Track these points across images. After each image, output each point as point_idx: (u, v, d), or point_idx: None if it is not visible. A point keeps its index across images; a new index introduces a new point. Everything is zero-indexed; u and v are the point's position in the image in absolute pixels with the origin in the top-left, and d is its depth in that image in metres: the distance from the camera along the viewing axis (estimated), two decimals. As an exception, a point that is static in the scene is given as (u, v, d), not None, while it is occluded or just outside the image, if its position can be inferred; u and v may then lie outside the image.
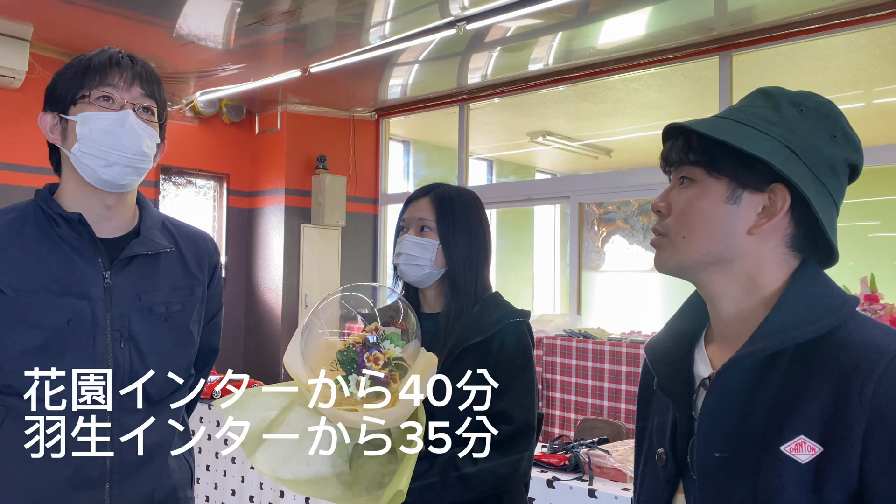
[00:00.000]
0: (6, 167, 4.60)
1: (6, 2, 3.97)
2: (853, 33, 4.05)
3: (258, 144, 6.13)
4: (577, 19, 4.19)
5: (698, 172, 0.92)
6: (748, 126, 0.89)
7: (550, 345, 4.39)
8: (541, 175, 7.93)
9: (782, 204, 0.88)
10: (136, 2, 3.96)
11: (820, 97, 0.93)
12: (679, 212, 0.93)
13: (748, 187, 0.89)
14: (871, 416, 0.77)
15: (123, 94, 1.31)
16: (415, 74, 5.37)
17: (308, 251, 5.95)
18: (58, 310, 1.27)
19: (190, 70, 5.10)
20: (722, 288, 0.92)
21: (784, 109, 0.90)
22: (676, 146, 0.94)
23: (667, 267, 0.95)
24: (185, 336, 1.40)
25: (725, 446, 0.87)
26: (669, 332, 1.02)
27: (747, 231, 0.89)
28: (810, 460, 0.80)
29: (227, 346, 5.89)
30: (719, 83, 4.46)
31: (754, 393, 0.86)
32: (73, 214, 1.31)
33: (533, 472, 2.40)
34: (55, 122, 1.33)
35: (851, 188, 0.96)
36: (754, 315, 0.90)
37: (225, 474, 3.61)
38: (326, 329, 1.39)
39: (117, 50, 1.35)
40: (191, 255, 1.45)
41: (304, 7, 3.94)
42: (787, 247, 0.91)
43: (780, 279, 0.90)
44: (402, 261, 1.56)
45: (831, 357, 0.82)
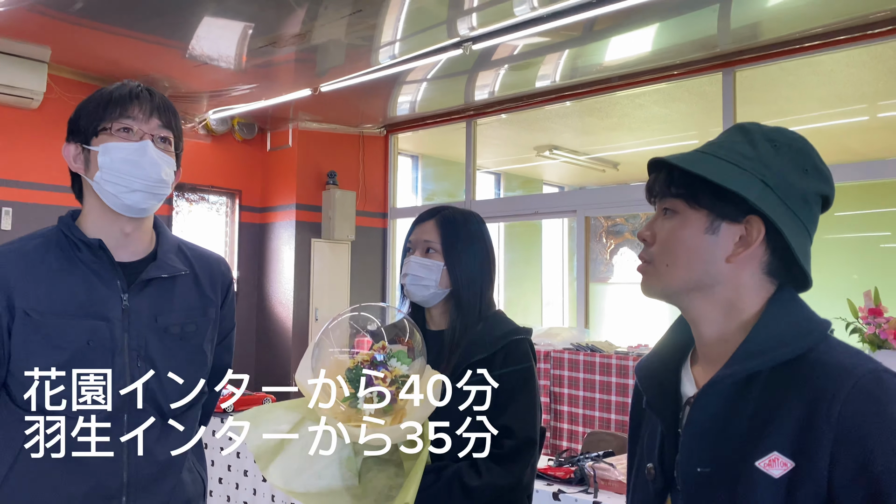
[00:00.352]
0: (25, 185, 4.71)
1: (25, 26, 4.09)
2: (855, 49, 4.10)
3: (270, 161, 6.23)
4: (582, 37, 4.26)
5: (680, 204, 0.98)
6: (726, 161, 0.95)
7: (558, 358, 4.43)
8: (548, 188, 7.99)
9: (757, 234, 0.94)
10: (151, 24, 4.06)
11: (793, 133, 1.00)
12: (662, 241, 0.99)
13: (726, 219, 0.95)
14: (838, 433, 0.84)
15: (142, 125, 1.38)
16: (423, 92, 5.46)
17: (318, 265, 6.03)
18: (79, 331, 1.34)
19: (203, 90, 5.20)
20: (704, 312, 0.99)
21: (759, 145, 0.96)
22: (660, 179, 1.01)
23: (652, 292, 1.02)
24: (199, 355, 1.47)
25: (707, 462, 0.93)
26: (657, 353, 1.09)
27: (726, 259, 0.96)
28: (783, 475, 0.86)
29: (239, 360, 5.95)
30: (723, 99, 4.52)
31: (733, 411, 0.93)
32: (93, 240, 1.38)
33: (539, 484, 2.45)
34: (78, 153, 1.40)
35: (859, 201, 1.01)
36: (734, 338, 0.96)
37: (237, 487, 3.67)
38: (336, 348, 1.45)
39: (137, 84, 1.43)
40: (205, 277, 1.52)
41: (314, 30, 4.03)
42: (763, 273, 0.97)
43: (757, 304, 0.96)
44: (408, 281, 1.63)
45: (803, 378, 0.89)
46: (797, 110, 5.35)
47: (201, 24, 4.02)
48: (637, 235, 1.03)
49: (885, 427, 0.83)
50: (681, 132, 6.00)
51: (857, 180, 4.33)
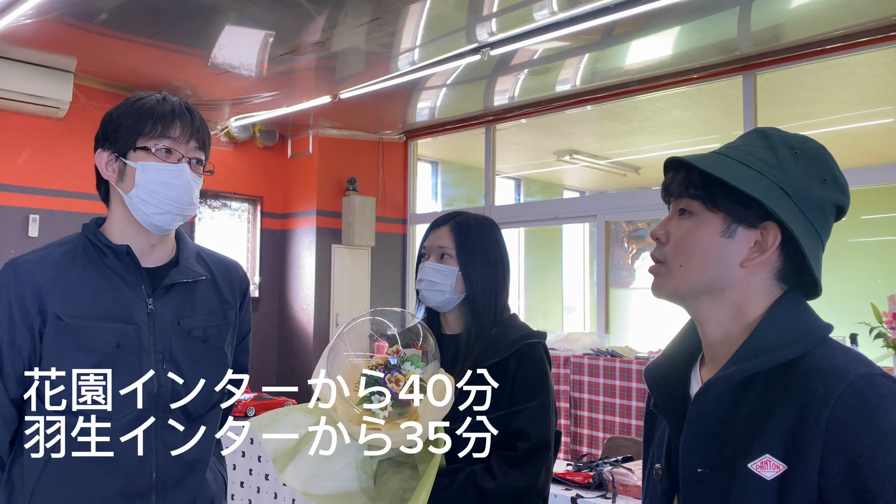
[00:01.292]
0: (52, 193, 4.80)
1: (52, 36, 4.17)
2: (877, 51, 4.05)
3: (290, 168, 6.28)
4: (602, 41, 4.26)
5: (697, 206, 0.98)
6: (746, 165, 0.95)
7: (578, 363, 4.42)
8: (569, 193, 7.97)
9: (773, 240, 0.95)
10: (174, 34, 4.13)
11: (813, 142, 1.00)
12: (677, 241, 0.99)
13: (743, 223, 0.95)
14: (827, 438, 0.84)
15: (181, 147, 1.42)
16: (442, 97, 5.48)
17: (339, 271, 6.07)
18: (108, 334, 1.37)
19: (224, 97, 5.27)
20: (711, 314, 0.99)
21: (779, 151, 0.96)
22: (677, 179, 1.00)
23: (663, 293, 1.02)
24: (220, 357, 1.51)
25: (706, 463, 0.93)
26: (667, 356, 1.09)
27: (740, 264, 0.96)
28: (775, 477, 0.87)
29: (261, 364, 6.02)
30: (743, 102, 4.49)
31: (730, 413, 0.93)
32: (121, 247, 1.42)
33: (557, 489, 2.45)
34: (111, 160, 1.43)
35: (884, 204, 1.00)
36: (737, 340, 0.96)
37: (259, 490, 3.70)
38: (351, 351, 1.47)
39: (178, 101, 1.45)
40: (224, 282, 1.55)
41: (333, 38, 4.07)
42: (774, 279, 0.97)
43: (763, 307, 0.97)
44: (423, 287, 1.65)
45: (796, 382, 0.89)
46: (819, 113, 5.29)
47: (223, 33, 4.08)
48: (650, 234, 1.03)
49: (874, 432, 0.82)
50: (702, 136, 5.97)
51: (882, 183, 4.28)
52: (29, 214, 4.76)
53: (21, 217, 4.74)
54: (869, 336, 3.54)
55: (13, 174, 4.75)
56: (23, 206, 4.76)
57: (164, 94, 1.46)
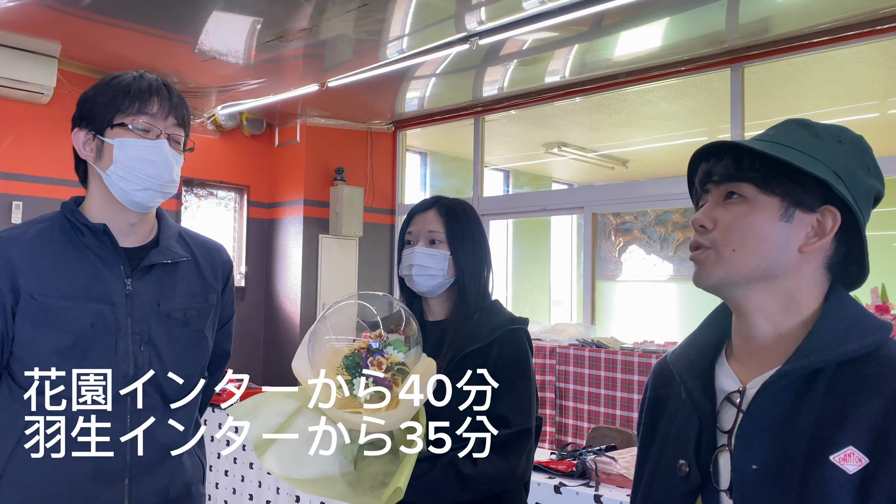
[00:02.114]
0: (35, 180, 4.75)
1: (36, 21, 4.12)
2: (864, 45, 4.07)
3: (278, 157, 6.25)
4: (590, 32, 4.25)
5: (750, 189, 0.94)
6: (796, 150, 0.92)
7: (563, 354, 4.43)
8: (557, 185, 7.98)
9: (833, 225, 0.92)
10: (160, 19, 4.09)
11: (854, 132, 0.98)
12: (728, 226, 0.95)
13: (801, 206, 0.93)
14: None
15: (160, 123, 1.40)
16: (431, 87, 5.46)
17: (326, 261, 6.05)
18: (83, 314, 1.36)
19: (211, 85, 5.23)
20: (761, 304, 0.95)
21: (825, 139, 0.94)
22: (723, 163, 0.96)
23: (712, 279, 0.97)
24: (201, 340, 1.49)
25: (765, 459, 0.90)
26: (693, 345, 1.05)
27: (798, 249, 0.93)
28: (857, 471, 0.84)
29: (247, 354, 6.00)
30: (731, 95, 4.50)
31: (796, 407, 0.90)
32: (98, 225, 1.40)
33: (541, 478, 2.46)
34: (88, 139, 1.41)
35: None
36: (792, 333, 0.94)
37: (243, 479, 3.69)
38: (332, 335, 1.46)
39: (155, 77, 1.43)
40: (206, 264, 1.54)
41: (321, 24, 4.04)
42: (824, 267, 0.95)
43: (816, 299, 0.95)
44: (415, 272, 1.62)
45: (879, 374, 0.87)
46: (806, 107, 5.32)
47: (210, 19, 4.04)
48: (692, 221, 0.98)
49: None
50: (690, 129, 5.98)
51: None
52: (12, 201, 4.71)
53: (4, 203, 4.70)
54: (852, 328, 3.57)
55: (-4, 160, 4.70)
56: (6, 192, 4.71)
57: (140, 71, 1.44)
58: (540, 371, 4.52)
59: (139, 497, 1.39)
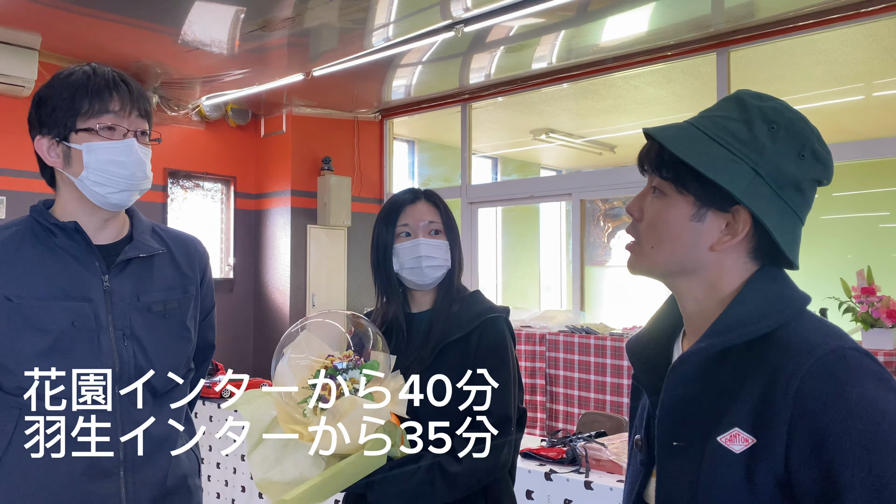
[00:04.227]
0: (16, 174, 4.70)
1: (15, 12, 4.06)
2: (849, 28, 4.08)
3: (264, 147, 6.21)
4: (577, 18, 4.24)
5: (668, 187, 0.95)
6: (718, 143, 0.91)
7: (553, 340, 4.45)
8: (546, 172, 7.98)
9: (744, 226, 0.92)
10: (142, 10, 4.04)
11: (793, 114, 0.94)
12: (649, 221, 0.97)
13: (712, 207, 0.92)
14: (794, 411, 0.83)
15: (124, 121, 1.37)
16: (418, 75, 5.44)
17: (315, 251, 6.03)
18: (62, 313, 1.35)
19: (195, 75, 5.18)
20: (687, 290, 0.98)
21: (755, 126, 0.92)
22: (651, 154, 0.97)
23: (637, 271, 1.01)
24: (183, 332, 1.49)
25: (681, 436, 0.93)
26: (648, 329, 1.08)
27: (710, 248, 0.94)
28: (744, 450, 0.86)
29: (237, 346, 5.98)
30: (717, 79, 4.50)
31: (704, 387, 0.92)
32: (68, 224, 1.39)
33: (531, 464, 2.47)
34: (52, 145, 1.38)
35: (858, 180, 0.95)
36: (714, 314, 0.95)
37: (235, 472, 3.69)
38: (294, 354, 1.48)
39: (109, 70, 1.39)
40: (182, 257, 1.53)
41: (305, 13, 4.01)
42: (748, 257, 0.95)
43: (737, 282, 0.95)
44: (425, 263, 1.58)
45: (768, 356, 0.88)
46: (793, 90, 5.33)
47: (193, 9, 4.00)
48: (626, 209, 1.01)
49: (842, 407, 0.81)
50: (677, 113, 5.98)
51: (854, 159, 4.33)
52: (-5, 195, 4.67)
53: (-13, 198, 4.65)
54: (838, 311, 3.59)
55: (-22, 154, 4.65)
56: (-12, 187, 4.66)
57: (92, 65, 1.40)
58: (530, 358, 4.53)
59: (136, 490, 1.39)
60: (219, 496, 3.77)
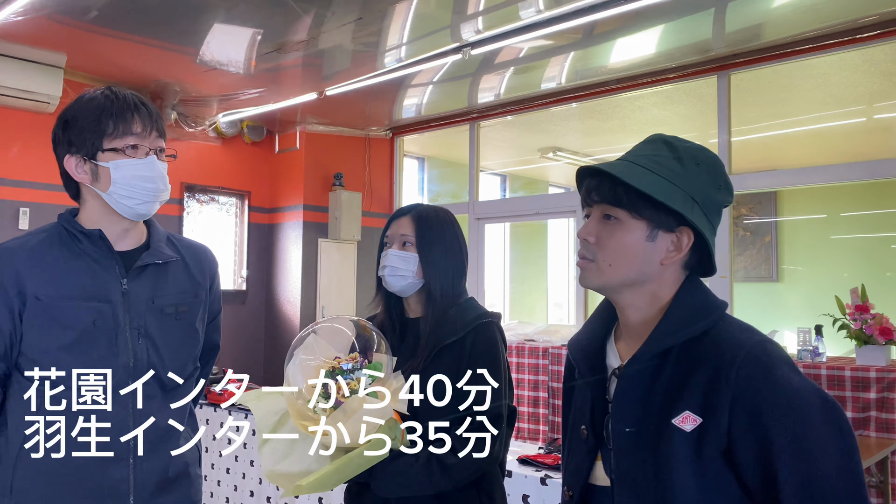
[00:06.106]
0: (42, 186, 4.88)
1: (43, 33, 4.25)
2: (847, 52, 4.19)
3: (278, 163, 6.38)
4: (582, 41, 4.37)
5: (622, 213, 1.14)
6: (660, 177, 1.12)
7: (556, 355, 4.55)
8: (554, 189, 8.09)
9: (688, 242, 1.14)
10: (162, 31, 4.21)
11: (710, 152, 1.17)
12: (605, 244, 1.15)
13: (663, 228, 1.13)
14: (734, 393, 1.03)
15: (146, 141, 1.53)
16: (428, 95, 5.58)
17: (325, 264, 6.17)
18: (85, 312, 1.50)
19: (212, 94, 5.36)
20: (632, 301, 1.18)
21: (686, 162, 1.14)
22: (602, 187, 1.15)
23: (592, 285, 1.20)
24: (192, 332, 1.64)
25: (634, 423, 1.11)
26: (586, 332, 1.27)
27: (660, 262, 1.15)
28: (693, 429, 1.05)
29: (249, 355, 6.11)
30: (718, 101, 4.62)
31: (653, 380, 1.11)
32: (93, 231, 1.54)
33: (528, 470, 2.57)
34: (80, 163, 1.54)
35: (865, 201, 1.09)
36: (654, 320, 1.16)
37: (244, 476, 3.81)
38: (305, 356, 1.62)
39: (129, 93, 1.55)
40: (193, 264, 1.68)
41: (319, 36, 4.17)
42: (681, 268, 1.17)
43: (672, 291, 1.17)
44: (387, 272, 1.76)
45: (707, 351, 1.09)
46: (793, 112, 5.44)
47: (211, 31, 4.16)
48: (577, 234, 1.19)
49: (770, 385, 1.02)
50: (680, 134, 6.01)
51: (856, 180, 4.42)
52: (20, 207, 4.84)
53: (12, 210, 4.82)
54: (833, 328, 3.68)
55: (4, 168, 4.82)
56: (14, 199, 4.84)
57: (112, 88, 1.55)
58: (533, 371, 4.63)
59: (143, 477, 1.52)
60: (228, 501, 3.89)
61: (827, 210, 6.60)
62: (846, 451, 1.01)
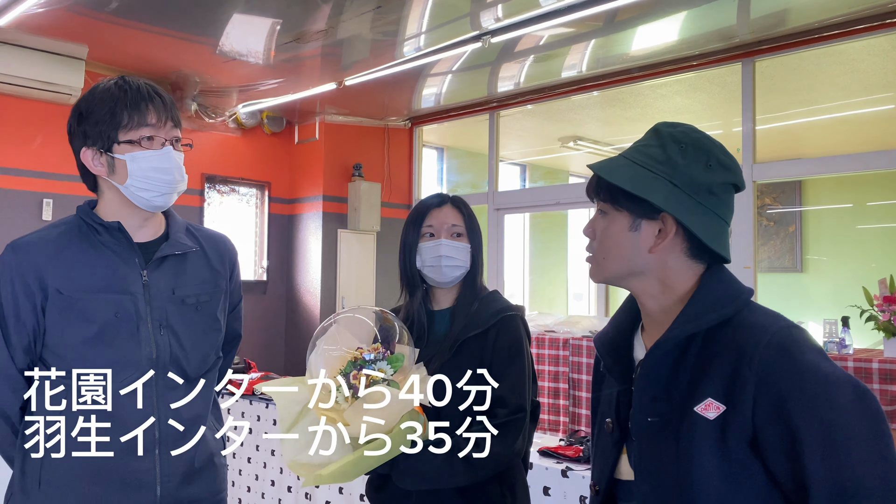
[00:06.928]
0: (64, 178, 4.92)
1: (64, 25, 4.27)
2: (875, 38, 4.10)
3: (297, 153, 6.38)
4: (604, 28, 4.32)
5: (608, 206, 1.16)
6: (640, 166, 1.12)
7: (576, 346, 4.52)
8: (574, 179, 8.03)
9: (671, 228, 1.12)
10: (183, 22, 4.22)
11: (698, 133, 1.15)
12: (599, 238, 1.18)
13: (644, 217, 1.13)
14: (758, 379, 1.00)
15: (161, 132, 1.52)
16: (447, 84, 5.55)
17: (345, 255, 6.17)
18: (107, 305, 1.49)
19: (232, 84, 5.36)
20: (643, 289, 1.17)
21: (668, 148, 1.12)
22: (593, 184, 1.18)
23: (597, 279, 1.21)
24: (214, 322, 1.62)
25: (656, 412, 1.09)
26: (613, 325, 1.26)
27: (648, 251, 1.13)
28: (717, 417, 1.03)
29: (269, 345, 6.14)
30: (742, 89, 4.54)
31: (675, 368, 1.09)
32: (112, 223, 1.53)
33: (549, 462, 2.56)
34: (96, 156, 1.53)
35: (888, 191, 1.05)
36: (673, 308, 1.14)
37: (265, 465, 3.83)
38: (327, 346, 1.61)
39: (143, 83, 1.53)
40: (213, 254, 1.67)
41: (338, 25, 4.15)
42: (687, 256, 1.14)
43: (690, 280, 1.14)
44: (444, 262, 1.72)
45: (730, 338, 1.06)
46: (819, 99, 5.33)
47: (231, 22, 4.16)
48: (582, 231, 1.21)
49: (795, 371, 0.99)
50: (703, 122, 6.01)
51: (884, 168, 4.33)
52: (43, 198, 4.89)
53: (35, 201, 4.87)
54: (860, 319, 3.62)
55: (27, 159, 4.87)
56: (37, 190, 4.88)
57: (125, 78, 1.54)
58: (553, 362, 4.60)
59: (169, 467, 1.52)
60: (249, 489, 3.91)
61: (853, 199, 6.49)
62: (880, 438, 0.95)
